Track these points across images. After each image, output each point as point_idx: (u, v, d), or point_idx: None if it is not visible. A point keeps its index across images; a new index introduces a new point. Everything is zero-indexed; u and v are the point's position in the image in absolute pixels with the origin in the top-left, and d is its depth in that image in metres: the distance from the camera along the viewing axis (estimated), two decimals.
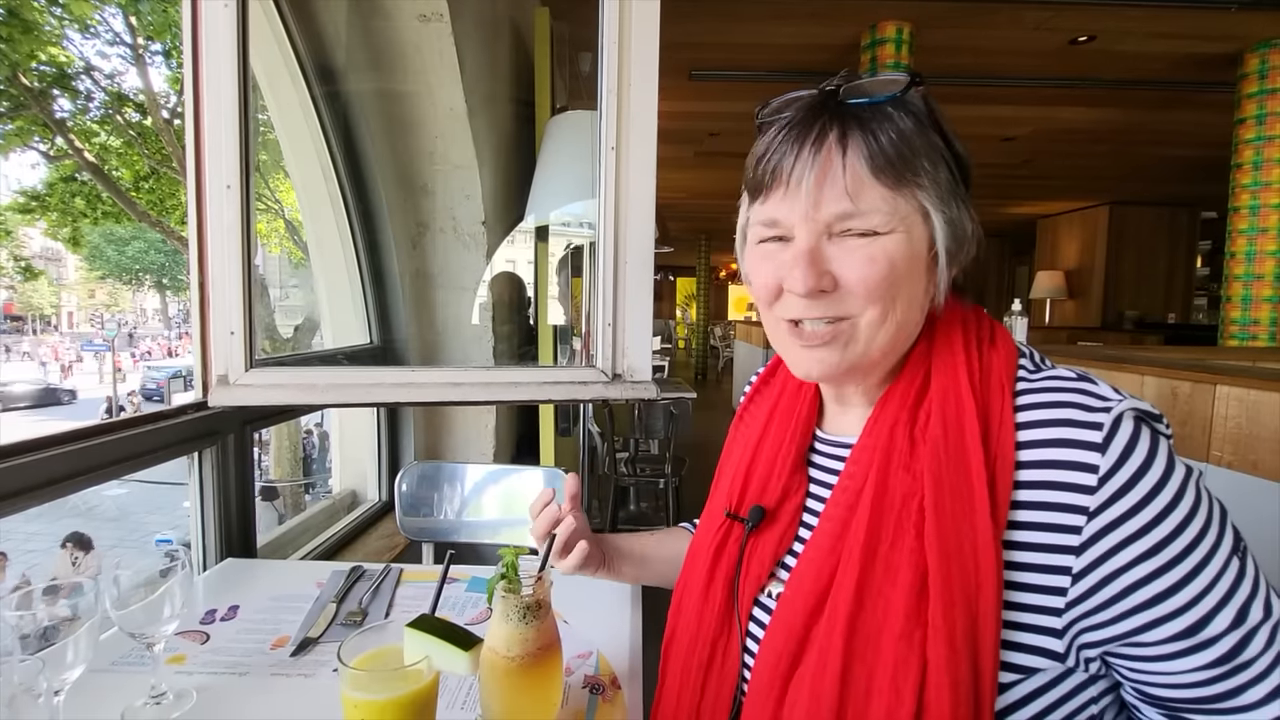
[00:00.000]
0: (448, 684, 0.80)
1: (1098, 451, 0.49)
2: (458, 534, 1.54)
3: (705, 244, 12.82)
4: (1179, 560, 0.47)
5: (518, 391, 1.33)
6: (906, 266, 0.55)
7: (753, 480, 0.68)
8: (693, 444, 4.14)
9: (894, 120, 0.54)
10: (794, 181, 0.55)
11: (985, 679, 0.48)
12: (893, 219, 0.54)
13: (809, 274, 0.55)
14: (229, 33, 1.16)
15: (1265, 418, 1.44)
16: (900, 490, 0.54)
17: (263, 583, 1.10)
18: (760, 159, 0.58)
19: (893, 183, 0.53)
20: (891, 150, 0.53)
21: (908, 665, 0.49)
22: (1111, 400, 0.51)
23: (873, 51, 3.69)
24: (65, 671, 0.65)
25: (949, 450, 0.53)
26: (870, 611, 0.52)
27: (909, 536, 0.52)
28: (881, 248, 0.54)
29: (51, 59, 6.61)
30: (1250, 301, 3.78)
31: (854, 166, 0.54)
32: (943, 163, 0.56)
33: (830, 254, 0.55)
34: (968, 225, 0.57)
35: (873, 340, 0.57)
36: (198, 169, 1.17)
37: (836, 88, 0.56)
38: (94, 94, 7.23)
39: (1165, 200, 7.74)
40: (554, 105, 2.38)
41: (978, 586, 0.49)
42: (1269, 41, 3.65)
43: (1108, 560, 0.48)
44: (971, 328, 0.60)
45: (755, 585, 0.63)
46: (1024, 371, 0.57)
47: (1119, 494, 0.48)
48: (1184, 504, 0.48)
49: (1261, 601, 0.49)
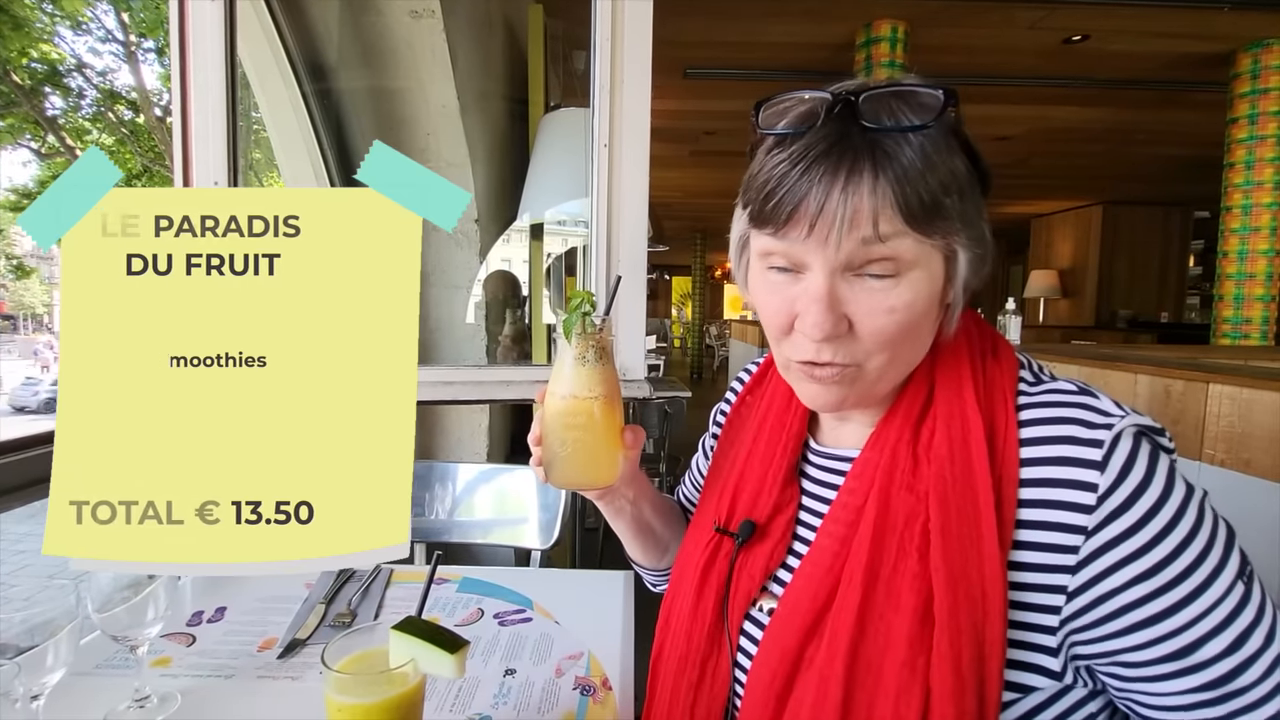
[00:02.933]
0: (435, 687, 0.80)
1: (1097, 470, 0.48)
2: (450, 534, 1.53)
3: (701, 243, 12.82)
4: (1176, 583, 0.46)
5: (510, 390, 1.32)
6: (924, 309, 0.52)
7: (743, 493, 0.66)
8: (688, 443, 4.15)
9: (925, 153, 0.48)
10: (818, 227, 0.49)
11: (990, 708, 0.47)
12: (916, 263, 0.50)
13: (825, 319, 0.50)
14: (216, 28, 1.14)
15: (1257, 416, 1.45)
16: (903, 511, 0.53)
17: (251, 584, 1.09)
18: (773, 191, 0.50)
19: (925, 225, 0.49)
20: (926, 195, 0.48)
21: (910, 694, 0.48)
22: (1113, 416, 0.50)
23: (867, 50, 3.69)
24: (45, 675, 0.64)
25: (955, 471, 0.51)
26: (872, 638, 0.51)
27: (911, 560, 0.51)
28: (900, 296, 0.50)
29: (43, 56, 6.57)
30: (1242, 300, 3.79)
31: (886, 215, 0.48)
32: (971, 188, 0.52)
33: (846, 295, 0.51)
34: (989, 243, 0.54)
35: (880, 379, 0.55)
36: (185, 166, 1.16)
37: (853, 98, 0.49)
38: (86, 91, 7.19)
39: (1158, 200, 7.78)
40: (548, 103, 2.37)
41: (985, 613, 0.48)
42: (1261, 41, 3.66)
43: (1103, 580, 0.48)
44: (975, 340, 0.58)
45: (745, 600, 0.62)
46: (1024, 385, 0.55)
47: (1116, 513, 0.47)
48: (1183, 525, 0.47)
49: (1265, 630, 0.47)
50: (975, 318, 0.60)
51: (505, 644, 0.91)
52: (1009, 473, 0.51)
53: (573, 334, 0.65)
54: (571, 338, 0.65)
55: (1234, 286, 3.82)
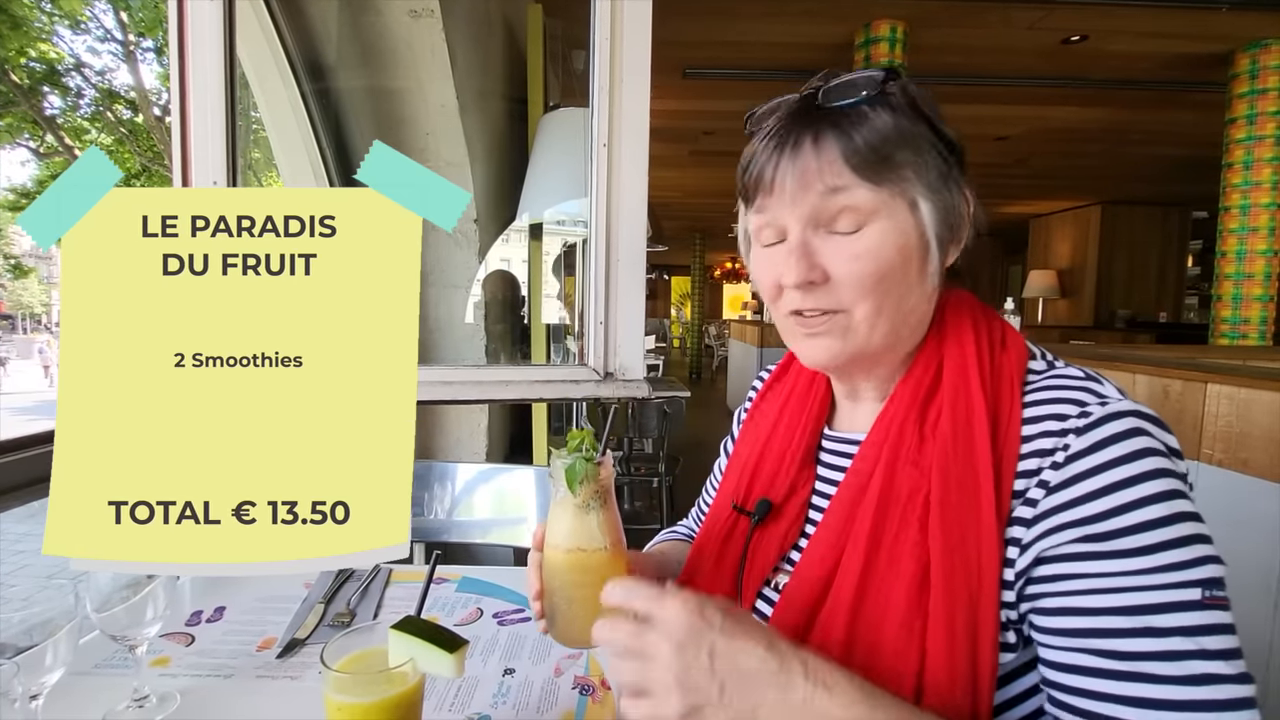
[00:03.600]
0: (435, 686, 0.80)
1: (1075, 434, 0.50)
2: (449, 534, 1.53)
3: (700, 243, 12.82)
4: (1113, 557, 0.47)
5: (509, 390, 1.32)
6: (896, 258, 0.55)
7: (760, 474, 0.69)
8: (687, 443, 4.15)
9: (870, 119, 0.55)
10: (777, 185, 0.57)
11: (984, 669, 0.49)
12: (877, 212, 0.55)
13: (800, 266, 0.56)
14: (215, 28, 1.14)
15: (1255, 416, 1.45)
16: (907, 484, 0.55)
17: (250, 583, 1.09)
18: (746, 168, 0.60)
19: (873, 176, 0.54)
20: (867, 147, 0.54)
21: (907, 655, 0.50)
22: (1111, 398, 0.52)
23: (866, 50, 3.69)
24: (43, 675, 0.63)
25: (957, 448, 0.54)
26: (873, 601, 0.53)
27: (912, 529, 0.53)
28: (867, 244, 0.55)
29: (41, 55, 6.56)
30: (1240, 300, 3.80)
31: (831, 164, 0.55)
32: (930, 149, 0.56)
33: (819, 248, 0.56)
34: (962, 208, 0.58)
35: (873, 331, 0.57)
36: (184, 165, 1.15)
37: (816, 90, 0.57)
38: (84, 91, 7.18)
39: (1157, 200, 7.79)
40: (547, 102, 2.37)
41: (979, 582, 0.50)
42: (1259, 41, 3.66)
43: (1048, 536, 0.49)
44: (983, 329, 0.60)
45: (760, 578, 0.64)
46: (1033, 375, 0.57)
47: (1081, 476, 0.49)
48: (1145, 512, 0.47)
49: (1198, 644, 0.44)
50: (985, 309, 0.63)
51: (504, 643, 0.91)
52: (1009, 450, 0.52)
53: (577, 483, 0.60)
54: (576, 487, 0.60)
55: (1232, 286, 3.83)
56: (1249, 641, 1.56)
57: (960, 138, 0.59)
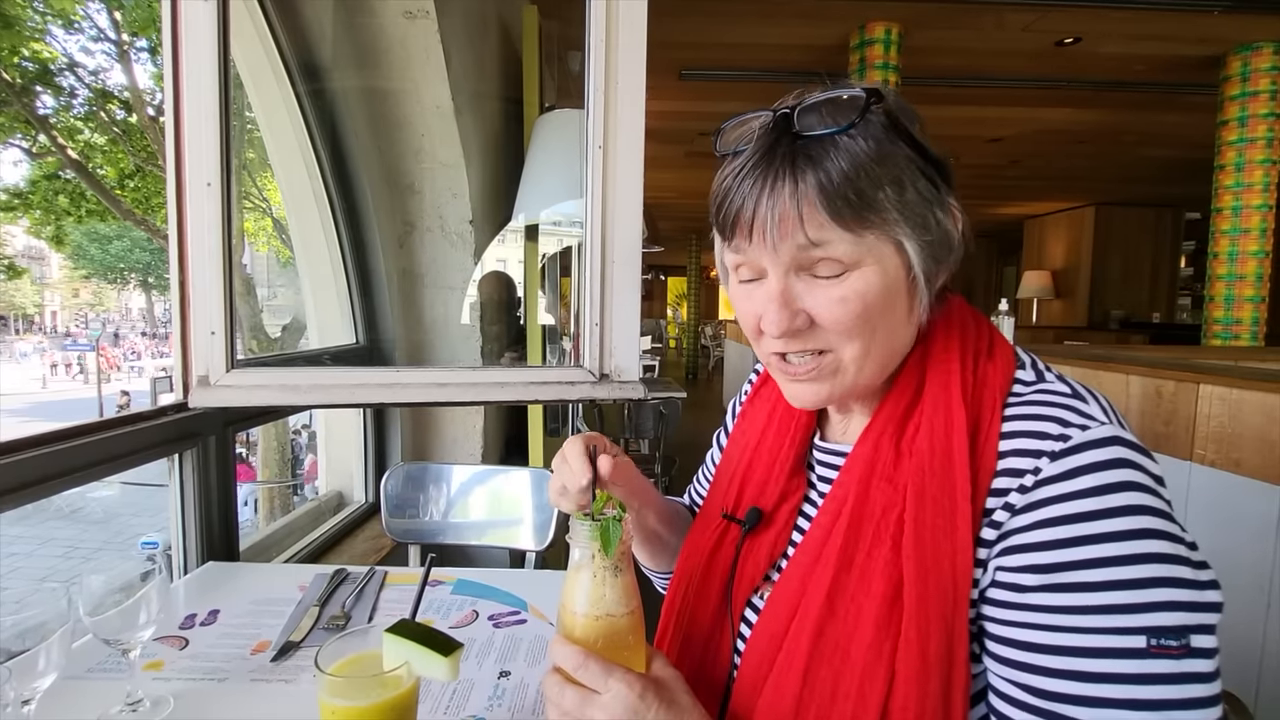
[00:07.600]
0: (430, 690, 0.79)
1: (1049, 457, 0.48)
2: (444, 535, 1.53)
3: (696, 243, 12.82)
4: (1062, 590, 0.46)
5: (504, 392, 1.32)
6: (882, 300, 0.53)
7: (750, 482, 0.68)
8: (683, 444, 4.14)
9: (850, 152, 0.51)
10: (756, 229, 0.53)
11: (956, 692, 0.48)
12: (861, 256, 0.52)
13: (781, 316, 0.54)
14: (209, 28, 1.14)
15: (1247, 416, 1.46)
16: (881, 501, 0.54)
17: (244, 586, 1.09)
18: (721, 203, 0.56)
19: (855, 225, 0.51)
20: (849, 190, 0.50)
21: (875, 675, 0.49)
22: (1093, 422, 0.49)
23: (861, 52, 3.70)
24: (36, 680, 0.63)
25: (934, 465, 0.52)
26: (841, 619, 0.52)
27: (885, 547, 0.52)
28: (852, 287, 0.52)
29: (34, 54, 6.51)
30: (1233, 301, 3.82)
31: (811, 212, 0.51)
32: (918, 175, 0.53)
33: (802, 293, 0.54)
34: (951, 234, 0.55)
35: (861, 371, 0.56)
36: (178, 166, 1.15)
37: (790, 111, 0.53)
38: (78, 90, 7.12)
39: (1150, 201, 7.83)
40: (542, 104, 2.37)
41: (955, 603, 0.49)
42: (1251, 44, 3.69)
43: (1002, 559, 0.49)
44: (970, 338, 0.58)
45: (749, 588, 0.63)
46: (1019, 386, 0.55)
47: (1045, 503, 0.47)
48: (1107, 548, 0.45)
49: (1130, 693, 0.43)
50: (975, 316, 0.61)
51: (500, 646, 0.91)
52: (986, 465, 0.51)
53: (614, 545, 0.56)
54: (611, 549, 0.56)
55: (1224, 287, 3.85)
56: (1240, 642, 1.56)
57: (946, 155, 0.56)
